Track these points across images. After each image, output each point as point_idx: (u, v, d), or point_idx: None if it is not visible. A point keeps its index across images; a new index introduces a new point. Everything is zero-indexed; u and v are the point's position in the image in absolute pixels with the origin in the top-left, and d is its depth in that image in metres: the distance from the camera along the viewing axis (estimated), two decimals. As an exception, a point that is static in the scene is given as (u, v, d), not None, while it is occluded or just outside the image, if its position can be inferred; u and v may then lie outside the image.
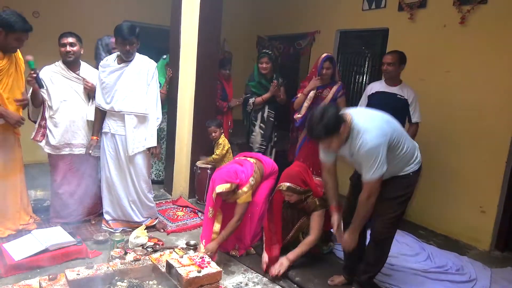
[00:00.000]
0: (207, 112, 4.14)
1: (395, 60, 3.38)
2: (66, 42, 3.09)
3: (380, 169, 2.16)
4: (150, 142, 3.19)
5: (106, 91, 3.09)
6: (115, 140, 3.16)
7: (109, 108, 3.10)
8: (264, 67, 3.98)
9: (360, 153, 2.19)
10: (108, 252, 2.88)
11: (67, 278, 2.27)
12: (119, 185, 3.23)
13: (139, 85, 3.11)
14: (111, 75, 3.07)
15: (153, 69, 3.19)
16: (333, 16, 5.07)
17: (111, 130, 3.15)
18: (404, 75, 3.54)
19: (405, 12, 4.13)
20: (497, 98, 3.41)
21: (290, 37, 5.84)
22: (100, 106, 3.13)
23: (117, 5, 5.24)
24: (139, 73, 3.11)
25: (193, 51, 3.96)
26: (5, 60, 2.80)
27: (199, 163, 4.11)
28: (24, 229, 3.07)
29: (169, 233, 3.41)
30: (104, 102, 3.11)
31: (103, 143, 3.21)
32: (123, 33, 2.97)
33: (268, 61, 3.98)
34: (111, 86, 3.07)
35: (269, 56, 4.02)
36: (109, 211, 3.30)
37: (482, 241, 3.55)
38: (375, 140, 2.14)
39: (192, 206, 3.99)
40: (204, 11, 3.90)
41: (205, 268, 2.40)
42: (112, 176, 3.21)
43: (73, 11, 4.85)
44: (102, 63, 3.14)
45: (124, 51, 3.04)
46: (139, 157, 3.20)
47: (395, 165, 2.30)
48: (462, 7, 3.62)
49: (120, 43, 3.01)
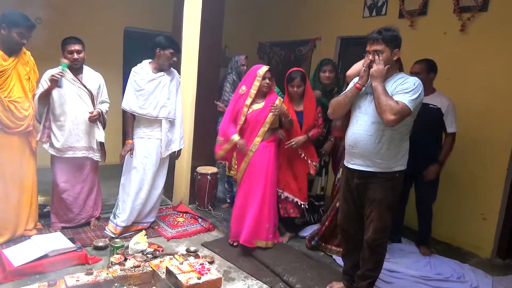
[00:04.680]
0: (207, 118, 4.14)
1: (423, 69, 3.21)
2: (74, 49, 3.13)
3: (415, 102, 2.20)
4: (179, 144, 3.50)
5: (143, 98, 3.23)
6: (151, 144, 3.32)
7: (145, 113, 3.24)
8: (328, 76, 3.55)
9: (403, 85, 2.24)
10: (108, 258, 2.87)
11: (66, 284, 2.26)
12: (145, 188, 3.36)
13: (172, 93, 3.36)
14: (150, 83, 3.25)
15: (179, 79, 3.48)
16: (334, 23, 5.09)
17: (147, 135, 3.31)
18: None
19: (406, 19, 4.14)
20: (498, 105, 3.41)
21: (291, 43, 5.87)
22: (134, 112, 3.24)
23: (119, 11, 5.27)
24: (171, 82, 3.36)
25: (195, 57, 3.98)
26: (10, 61, 2.83)
27: (201, 168, 4.10)
28: (24, 235, 3.07)
29: (169, 239, 3.40)
30: (139, 108, 3.24)
31: (135, 149, 3.28)
32: (176, 47, 3.26)
33: (332, 70, 3.56)
34: (150, 93, 3.24)
35: (333, 64, 3.60)
36: (125, 216, 3.32)
37: (483, 249, 3.53)
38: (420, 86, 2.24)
39: (193, 212, 3.99)
40: (205, 17, 3.93)
41: (205, 275, 2.40)
42: (140, 180, 3.33)
43: (75, 17, 4.88)
44: (138, 70, 3.29)
45: (170, 63, 3.28)
46: (166, 160, 3.46)
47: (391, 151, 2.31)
48: (462, 14, 3.64)
49: (169, 55, 3.23)
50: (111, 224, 3.33)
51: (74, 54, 3.13)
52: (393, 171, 2.34)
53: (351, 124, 2.45)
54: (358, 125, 2.37)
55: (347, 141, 2.45)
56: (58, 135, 3.18)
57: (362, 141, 2.33)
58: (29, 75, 2.98)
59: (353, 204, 2.50)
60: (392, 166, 2.34)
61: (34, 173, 3.16)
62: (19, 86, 2.90)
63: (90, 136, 3.28)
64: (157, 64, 3.26)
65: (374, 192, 2.36)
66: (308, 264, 3.03)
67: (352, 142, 2.39)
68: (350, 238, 2.60)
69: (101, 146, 3.38)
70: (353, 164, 2.41)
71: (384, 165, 2.33)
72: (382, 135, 2.29)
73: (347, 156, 2.48)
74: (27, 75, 2.96)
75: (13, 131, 2.90)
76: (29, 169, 3.10)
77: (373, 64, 2.25)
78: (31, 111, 2.99)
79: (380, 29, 2.27)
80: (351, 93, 2.38)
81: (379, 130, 2.29)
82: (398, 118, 2.15)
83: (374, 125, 2.30)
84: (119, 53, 5.38)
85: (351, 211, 2.52)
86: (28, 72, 2.97)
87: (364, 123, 2.34)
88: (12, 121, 2.87)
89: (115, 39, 5.35)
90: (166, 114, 3.31)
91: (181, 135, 3.51)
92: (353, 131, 2.40)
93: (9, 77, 2.83)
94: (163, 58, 3.22)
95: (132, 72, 3.29)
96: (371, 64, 2.26)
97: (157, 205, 3.57)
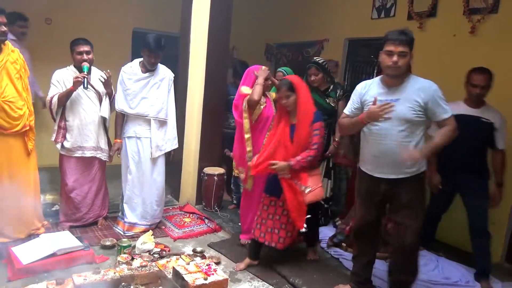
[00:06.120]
0: (215, 119, 4.15)
1: (488, 82, 2.84)
2: (83, 50, 3.16)
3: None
4: (171, 145, 3.47)
5: (130, 97, 3.27)
6: (141, 143, 3.35)
7: (134, 112, 3.29)
8: (313, 79, 3.39)
9: (432, 90, 2.25)
10: (115, 257, 2.89)
11: (74, 283, 2.28)
12: (143, 186, 3.40)
13: (162, 93, 3.35)
14: (137, 83, 3.28)
15: (171, 78, 3.45)
16: (342, 24, 5.07)
17: (136, 134, 3.34)
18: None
19: (415, 21, 4.11)
20: (508, 108, 3.37)
21: (298, 45, 5.86)
22: (123, 111, 3.29)
23: (127, 12, 5.31)
24: (161, 81, 3.35)
25: (202, 59, 3.99)
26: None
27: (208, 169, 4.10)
28: (33, 233, 3.09)
29: (175, 239, 3.41)
30: (128, 107, 3.28)
31: (126, 148, 3.35)
32: (151, 47, 3.17)
33: (317, 72, 3.39)
34: (137, 93, 3.27)
35: (316, 66, 3.39)
36: (131, 214, 3.42)
37: (492, 253, 3.48)
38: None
39: (199, 212, 3.99)
40: (213, 18, 3.93)
41: (211, 276, 2.40)
42: (136, 178, 3.38)
43: (84, 18, 4.92)
44: (126, 70, 3.31)
45: (150, 63, 3.25)
46: (161, 159, 3.45)
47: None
48: (472, 16, 3.61)
49: (147, 55, 3.22)
50: (120, 221, 3.46)
51: (84, 55, 3.15)
52: (419, 172, 2.34)
53: (371, 134, 2.37)
54: (383, 136, 2.30)
55: (371, 152, 2.39)
56: (68, 135, 3.22)
57: (390, 150, 2.28)
58: (20, 73, 2.90)
59: (374, 209, 2.48)
60: (419, 168, 2.33)
61: (35, 173, 3.11)
62: (11, 86, 2.83)
63: (98, 136, 3.31)
64: (144, 64, 3.30)
65: (404, 196, 2.33)
66: (314, 266, 3.02)
67: (378, 153, 2.33)
68: (365, 240, 2.58)
69: (108, 146, 3.40)
70: (380, 173, 2.37)
71: (412, 169, 2.31)
72: (409, 142, 2.26)
73: (371, 166, 2.43)
74: (17, 74, 2.88)
75: (9, 132, 2.84)
76: (29, 170, 3.04)
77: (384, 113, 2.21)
78: (26, 110, 2.91)
79: (403, 31, 2.25)
80: (358, 125, 2.38)
81: (407, 137, 2.26)
82: (455, 127, 2.25)
83: (402, 133, 2.26)
84: (127, 54, 5.41)
85: (372, 215, 2.49)
86: (18, 70, 2.89)
87: (390, 133, 2.28)
88: (7, 121, 2.81)
89: (123, 40, 5.39)
90: (155, 113, 3.31)
91: (174, 135, 3.50)
92: (377, 142, 2.33)
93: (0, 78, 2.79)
94: (145, 58, 3.25)
95: (121, 71, 3.33)
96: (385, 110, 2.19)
97: (161, 203, 3.57)
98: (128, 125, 3.36)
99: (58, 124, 3.22)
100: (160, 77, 3.34)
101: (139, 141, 3.36)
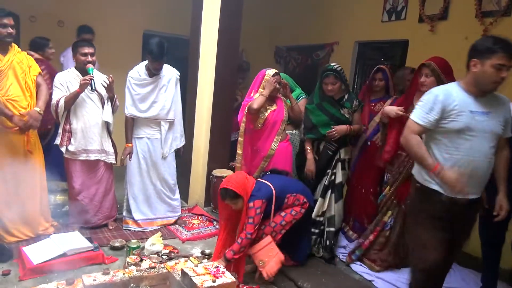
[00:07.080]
0: (224, 121, 4.15)
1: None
2: (88, 52, 3.18)
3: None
4: (180, 142, 3.62)
5: (140, 102, 3.35)
6: (151, 143, 3.45)
7: (144, 116, 3.37)
8: (330, 89, 3.14)
9: (509, 105, 2.11)
10: (124, 258, 2.90)
11: (84, 283, 2.29)
12: (153, 184, 3.53)
13: (170, 95, 3.44)
14: (146, 88, 3.35)
15: (177, 77, 3.50)
16: (352, 27, 5.05)
17: (146, 135, 3.44)
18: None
19: (426, 24, 4.09)
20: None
21: (308, 47, 5.85)
22: (133, 115, 3.38)
23: (138, 15, 5.36)
24: (168, 83, 3.43)
25: (212, 61, 4.00)
26: (5, 61, 2.83)
27: (216, 171, 4.11)
28: (43, 234, 3.12)
29: (184, 241, 3.42)
30: (137, 111, 3.37)
31: (136, 148, 3.43)
32: (154, 55, 3.22)
33: (335, 81, 3.13)
34: (146, 97, 3.35)
35: (335, 74, 3.12)
36: (140, 212, 3.52)
37: (504, 260, 3.42)
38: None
39: (208, 214, 4.00)
40: (223, 21, 3.95)
41: (219, 278, 2.39)
42: (147, 177, 3.50)
43: (95, 20, 4.96)
44: (133, 75, 3.36)
45: (154, 69, 3.32)
46: (171, 156, 3.58)
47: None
48: (484, 19, 3.57)
49: (151, 61, 3.28)
50: (129, 220, 3.53)
51: (88, 57, 3.17)
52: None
53: (458, 149, 2.06)
54: (475, 150, 2.04)
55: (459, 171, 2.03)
56: (72, 139, 3.22)
57: (482, 168, 2.07)
58: (25, 73, 2.96)
59: (448, 236, 2.15)
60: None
61: (42, 171, 3.14)
62: (16, 85, 2.89)
63: (102, 138, 3.30)
64: (149, 67, 3.35)
65: (473, 216, 2.22)
66: (322, 270, 3.00)
67: (470, 171, 2.04)
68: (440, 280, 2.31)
69: (113, 148, 3.41)
70: (465, 194, 2.07)
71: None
72: (492, 158, 2.10)
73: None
74: (23, 73, 2.94)
75: (13, 130, 2.89)
76: (34, 169, 3.07)
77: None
78: (29, 109, 2.94)
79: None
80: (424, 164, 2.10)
81: (494, 154, 2.10)
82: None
83: (492, 150, 2.07)
84: (138, 56, 5.46)
85: (444, 245, 2.14)
86: (24, 70, 2.95)
87: (482, 148, 2.04)
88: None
89: (134, 42, 5.44)
90: (165, 115, 3.41)
91: (181, 133, 3.63)
92: (470, 159, 2.04)
93: (5, 77, 2.84)
94: (149, 64, 3.31)
95: (128, 77, 3.37)
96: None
97: (176, 198, 3.70)
98: (138, 126, 3.43)
99: (63, 128, 3.22)
100: (166, 78, 3.41)
101: (149, 141, 3.45)
